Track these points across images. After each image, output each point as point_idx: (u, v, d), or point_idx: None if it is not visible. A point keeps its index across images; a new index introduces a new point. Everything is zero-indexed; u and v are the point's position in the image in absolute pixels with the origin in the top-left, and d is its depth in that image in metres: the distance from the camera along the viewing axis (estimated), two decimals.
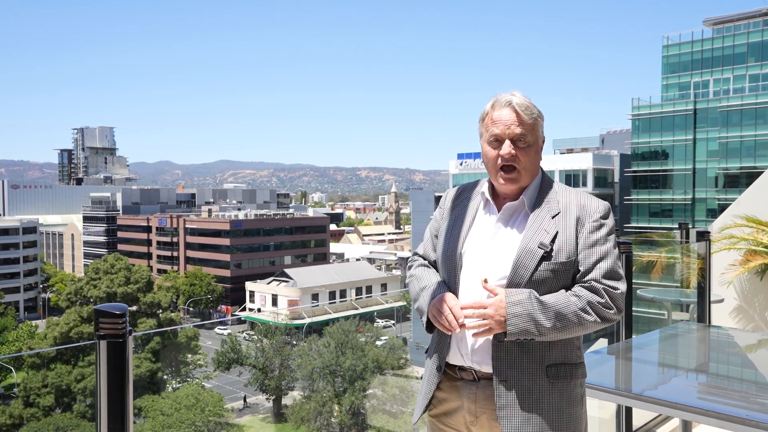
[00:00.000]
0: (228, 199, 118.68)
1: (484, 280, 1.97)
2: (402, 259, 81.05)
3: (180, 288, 71.03)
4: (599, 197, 2.09)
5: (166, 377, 39.83)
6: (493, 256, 2.02)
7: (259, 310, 63.20)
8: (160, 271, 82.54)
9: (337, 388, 33.16)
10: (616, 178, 56.33)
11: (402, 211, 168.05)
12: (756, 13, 49.97)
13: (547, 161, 52.64)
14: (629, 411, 3.64)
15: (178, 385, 38.07)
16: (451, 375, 2.08)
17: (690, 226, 6.14)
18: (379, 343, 37.52)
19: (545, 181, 2.11)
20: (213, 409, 31.36)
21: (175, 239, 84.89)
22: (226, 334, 46.51)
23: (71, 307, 41.34)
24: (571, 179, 53.40)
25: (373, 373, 33.76)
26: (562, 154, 62.62)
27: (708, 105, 49.97)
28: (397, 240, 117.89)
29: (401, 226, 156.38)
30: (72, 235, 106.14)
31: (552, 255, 1.96)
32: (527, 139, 2.01)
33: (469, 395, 2.03)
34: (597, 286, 1.94)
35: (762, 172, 6.34)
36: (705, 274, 5.00)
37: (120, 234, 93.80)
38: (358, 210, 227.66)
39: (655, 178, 52.23)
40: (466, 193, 2.21)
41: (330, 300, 63.71)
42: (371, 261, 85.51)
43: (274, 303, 63.64)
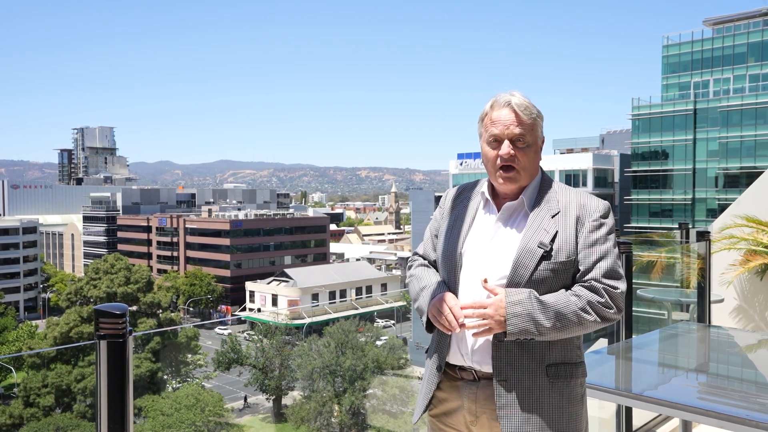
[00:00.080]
0: (228, 199, 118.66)
1: (483, 279, 1.96)
2: (402, 259, 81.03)
3: (180, 288, 71.04)
4: (599, 197, 2.09)
5: (166, 377, 39.84)
6: (493, 255, 2.02)
7: (259, 310, 63.20)
8: (160, 271, 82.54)
9: (337, 388, 33.15)
10: (616, 178, 56.33)
11: (402, 211, 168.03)
12: (756, 13, 49.96)
13: (547, 161, 52.71)
14: (629, 411, 3.64)
15: (178, 385, 38.07)
16: (451, 375, 2.08)
17: (690, 226, 6.14)
18: (379, 343, 37.51)
19: (545, 181, 2.11)
20: (213, 409, 31.37)
21: (175, 239, 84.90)
22: (227, 334, 46.51)
23: (71, 307, 41.35)
24: (571, 179, 53.39)
25: (373, 373, 33.76)
26: (562, 154, 62.60)
27: (708, 105, 49.97)
28: (397, 240, 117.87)
29: (401, 226, 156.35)
30: (72, 235, 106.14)
31: (552, 254, 1.96)
32: (526, 139, 2.01)
33: (470, 395, 2.03)
34: (597, 286, 1.94)
35: (762, 172, 6.34)
36: (705, 274, 5.00)
37: (120, 234, 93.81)
38: (358, 210, 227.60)
39: (655, 178, 52.23)
40: (466, 193, 2.21)
41: (330, 300, 63.71)
42: (371, 261, 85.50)
43: (274, 303, 63.64)
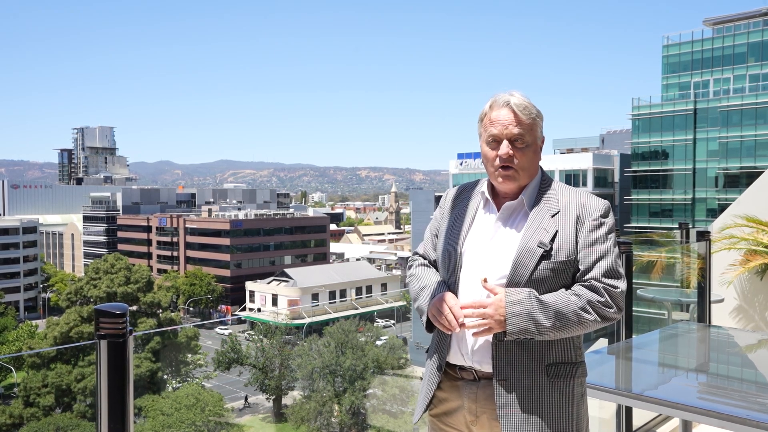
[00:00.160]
0: (228, 199, 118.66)
1: (483, 279, 1.96)
2: (402, 259, 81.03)
3: (180, 288, 71.04)
4: (599, 197, 2.09)
5: (166, 377, 39.85)
6: (493, 255, 2.02)
7: (259, 310, 63.20)
8: (160, 270, 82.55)
9: (337, 388, 33.16)
10: (616, 178, 56.32)
11: (402, 211, 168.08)
12: (756, 13, 49.95)
13: (547, 161, 52.71)
14: (629, 411, 3.64)
15: (178, 384, 38.08)
16: (451, 375, 2.08)
17: (690, 226, 6.14)
18: (379, 343, 37.51)
19: (545, 181, 2.11)
20: (213, 408, 31.38)
21: (175, 239, 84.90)
22: (227, 334, 46.51)
23: (71, 306, 41.36)
24: (571, 179, 53.38)
25: (373, 373, 33.76)
26: (562, 154, 62.60)
27: (708, 105, 49.96)
28: (397, 240, 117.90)
29: (401, 226, 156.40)
30: (72, 234, 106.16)
31: (552, 254, 1.96)
32: (525, 139, 2.02)
33: (470, 395, 2.03)
34: (597, 285, 1.94)
35: (762, 172, 6.34)
36: (705, 274, 5.00)
37: (120, 234, 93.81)
38: (358, 210, 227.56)
39: (655, 178, 52.22)
40: (466, 192, 2.21)
41: (330, 300, 63.71)
42: (371, 261, 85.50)
43: (274, 303, 63.65)
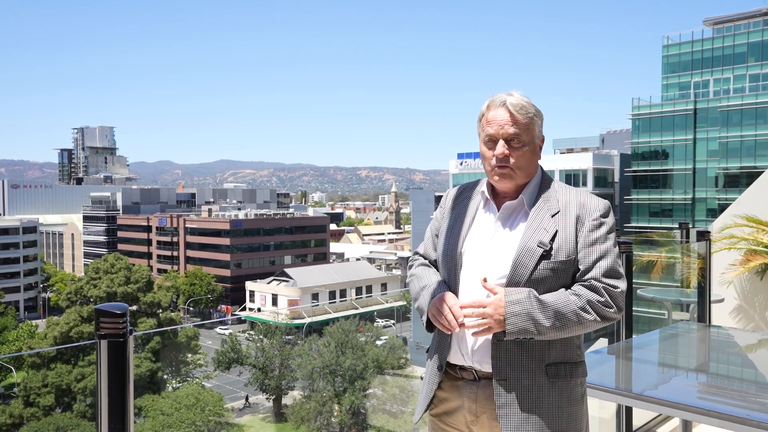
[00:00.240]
0: (228, 199, 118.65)
1: (483, 279, 1.96)
2: (402, 259, 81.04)
3: (180, 288, 71.05)
4: (599, 197, 2.09)
5: (166, 377, 39.86)
6: (493, 255, 2.02)
7: (259, 310, 63.21)
8: (160, 270, 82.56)
9: (337, 388, 33.16)
10: (616, 178, 56.32)
11: (402, 210, 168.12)
12: (756, 13, 49.95)
13: (547, 161, 52.72)
14: (629, 411, 3.64)
15: (178, 384, 38.08)
16: (452, 374, 2.08)
17: (690, 226, 6.14)
18: (379, 342, 37.51)
19: (545, 180, 2.11)
20: (213, 408, 31.38)
21: (175, 239, 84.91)
22: (227, 334, 46.51)
23: (71, 306, 41.37)
24: (571, 179, 53.37)
25: (373, 373, 33.76)
26: (562, 154, 62.59)
27: (708, 105, 49.96)
28: (397, 240, 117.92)
29: (401, 226, 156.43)
30: (72, 234, 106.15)
31: (551, 254, 1.96)
32: (521, 138, 2.02)
33: (470, 394, 2.04)
34: (597, 285, 1.94)
35: (762, 172, 6.34)
36: (705, 273, 4.99)
37: (120, 234, 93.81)
38: (358, 210, 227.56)
39: (655, 178, 52.22)
40: (466, 192, 2.22)
41: (330, 300, 63.72)
42: (371, 261, 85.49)
43: (274, 303, 63.66)
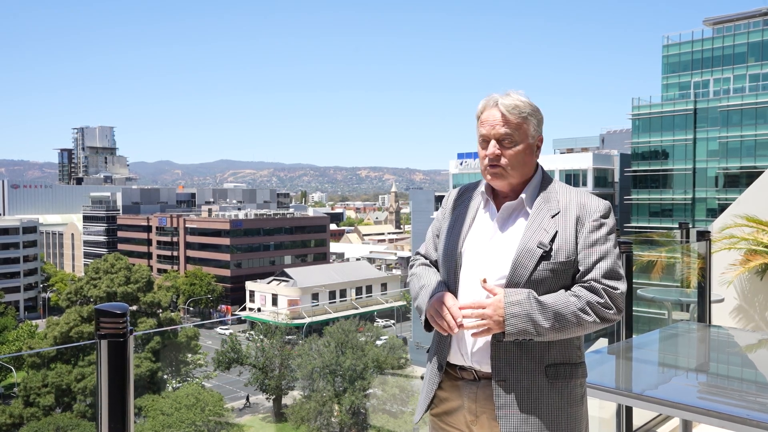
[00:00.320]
0: (228, 199, 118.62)
1: (483, 280, 1.96)
2: (402, 259, 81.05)
3: (180, 288, 71.04)
4: (599, 197, 2.08)
5: (166, 377, 39.86)
6: (493, 255, 2.02)
7: (259, 310, 63.21)
8: (160, 270, 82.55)
9: (337, 388, 33.15)
10: (616, 178, 56.31)
11: (402, 210, 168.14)
12: (756, 12, 49.94)
13: (547, 161, 52.71)
14: (629, 411, 3.64)
15: (178, 384, 38.08)
16: (452, 374, 2.08)
17: (690, 226, 6.14)
18: (379, 342, 37.50)
19: (545, 180, 2.10)
20: (213, 408, 31.38)
21: (175, 239, 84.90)
22: (228, 334, 46.50)
23: (71, 306, 41.38)
24: (571, 179, 53.36)
25: (373, 373, 33.75)
26: (562, 153, 62.59)
27: (708, 105, 49.95)
28: (397, 240, 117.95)
29: (401, 226, 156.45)
30: (72, 234, 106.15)
31: (551, 254, 1.95)
32: (513, 138, 2.02)
33: (470, 395, 2.04)
34: (597, 286, 1.93)
35: (762, 172, 6.34)
36: (705, 273, 4.99)
37: (120, 234, 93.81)
38: (358, 210, 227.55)
39: (655, 178, 52.21)
40: (467, 193, 2.22)
41: (330, 300, 63.71)
42: (371, 261, 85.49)
43: (274, 303, 63.66)
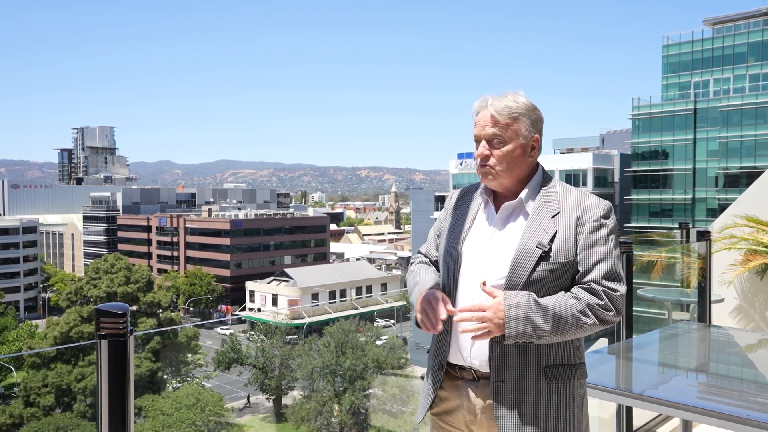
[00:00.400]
0: (228, 199, 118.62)
1: (482, 282, 1.95)
2: (402, 259, 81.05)
3: (180, 288, 71.03)
4: (600, 197, 2.08)
5: (166, 377, 39.86)
6: (492, 255, 2.02)
7: (259, 310, 63.21)
8: (160, 270, 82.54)
9: (337, 388, 33.16)
10: (616, 178, 56.31)
11: (402, 210, 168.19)
12: (756, 13, 49.93)
13: (547, 161, 52.70)
14: (629, 411, 3.64)
15: (178, 384, 38.08)
16: (452, 374, 2.09)
17: (690, 226, 6.14)
18: (379, 342, 37.50)
19: (545, 180, 2.10)
20: (213, 408, 31.38)
21: (175, 239, 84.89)
22: (228, 334, 46.50)
23: (71, 306, 41.37)
24: (571, 179, 53.36)
25: (373, 373, 33.75)
26: (562, 153, 62.59)
27: (708, 105, 49.94)
28: (397, 240, 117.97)
29: (401, 226, 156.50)
30: (72, 234, 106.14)
31: (550, 255, 1.95)
32: (502, 138, 2.02)
33: (469, 394, 2.04)
34: (596, 288, 1.93)
35: (762, 172, 6.34)
36: (705, 273, 4.99)
37: (120, 234, 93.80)
38: (358, 210, 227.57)
39: (655, 178, 52.21)
40: (469, 194, 2.22)
41: (330, 300, 63.71)
42: (371, 261, 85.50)
43: (274, 303, 63.65)
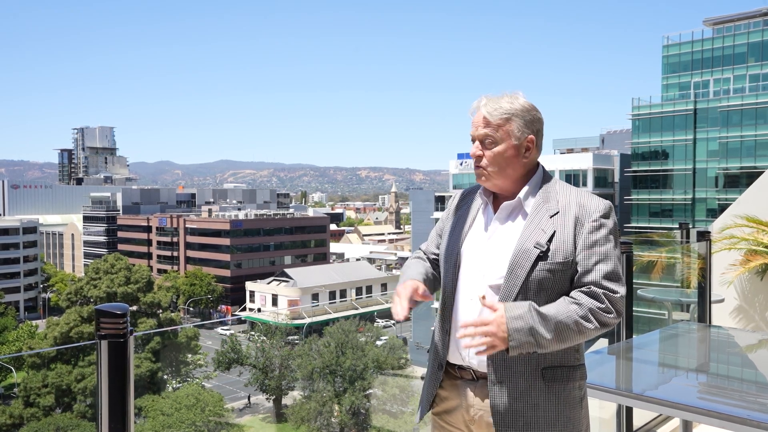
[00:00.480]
0: (228, 199, 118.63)
1: (481, 296, 1.92)
2: (402, 259, 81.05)
3: (180, 288, 71.04)
4: (600, 197, 2.07)
5: (166, 377, 39.85)
6: (491, 255, 2.02)
7: (259, 310, 63.21)
8: (160, 271, 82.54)
9: (337, 388, 33.16)
10: (616, 178, 56.30)
11: (402, 211, 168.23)
12: (756, 13, 49.93)
13: (547, 161, 52.72)
14: (630, 411, 3.65)
15: (178, 385, 38.07)
16: (452, 374, 2.09)
17: (690, 226, 6.14)
18: (379, 343, 37.49)
19: (545, 180, 2.09)
20: (213, 409, 31.38)
21: (175, 239, 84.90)
22: (228, 334, 46.48)
23: (71, 307, 41.36)
24: (571, 179, 53.33)
25: (373, 373, 33.75)
26: (562, 154, 62.59)
27: (708, 105, 49.95)
28: (397, 240, 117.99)
29: (401, 226, 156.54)
30: (72, 235, 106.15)
31: (548, 255, 1.94)
32: (493, 138, 2.03)
33: (468, 394, 2.05)
34: (597, 291, 1.91)
35: (762, 172, 6.34)
36: (705, 274, 4.99)
37: (120, 234, 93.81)
38: (358, 210, 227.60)
39: (655, 178, 52.21)
40: (471, 195, 2.23)
41: (330, 300, 63.71)
42: (371, 261, 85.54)
43: (274, 303, 63.66)
